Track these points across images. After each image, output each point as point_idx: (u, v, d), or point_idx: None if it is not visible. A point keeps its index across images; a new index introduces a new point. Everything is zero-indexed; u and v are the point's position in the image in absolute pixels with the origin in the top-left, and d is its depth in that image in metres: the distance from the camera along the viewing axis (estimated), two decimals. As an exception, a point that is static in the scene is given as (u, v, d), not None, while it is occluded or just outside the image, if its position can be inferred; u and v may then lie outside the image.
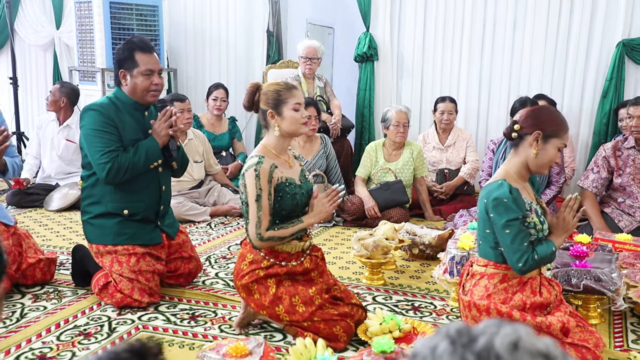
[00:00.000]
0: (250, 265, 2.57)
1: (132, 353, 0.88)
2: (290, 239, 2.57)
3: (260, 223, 2.49)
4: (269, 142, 2.61)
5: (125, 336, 2.63)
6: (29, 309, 2.89)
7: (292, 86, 2.60)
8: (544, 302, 2.36)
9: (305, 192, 2.63)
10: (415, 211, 4.80)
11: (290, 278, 2.59)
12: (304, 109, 2.61)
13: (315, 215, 2.61)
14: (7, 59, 6.43)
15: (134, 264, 2.93)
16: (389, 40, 5.66)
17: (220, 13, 6.15)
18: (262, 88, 2.60)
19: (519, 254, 2.29)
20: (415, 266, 3.66)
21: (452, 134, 5.10)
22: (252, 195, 2.48)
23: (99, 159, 2.87)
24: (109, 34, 5.36)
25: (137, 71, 2.93)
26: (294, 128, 2.58)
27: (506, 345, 0.72)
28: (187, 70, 6.34)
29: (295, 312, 2.52)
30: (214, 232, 4.37)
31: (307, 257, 2.66)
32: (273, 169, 2.51)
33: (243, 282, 2.57)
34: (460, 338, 0.74)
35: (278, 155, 2.60)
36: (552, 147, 2.36)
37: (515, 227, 2.28)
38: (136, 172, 2.93)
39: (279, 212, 2.55)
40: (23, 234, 3.21)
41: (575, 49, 5.18)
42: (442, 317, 2.89)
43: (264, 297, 2.54)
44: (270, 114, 2.57)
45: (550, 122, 2.37)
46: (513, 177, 2.39)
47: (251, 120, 6.18)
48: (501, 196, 2.28)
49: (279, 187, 2.53)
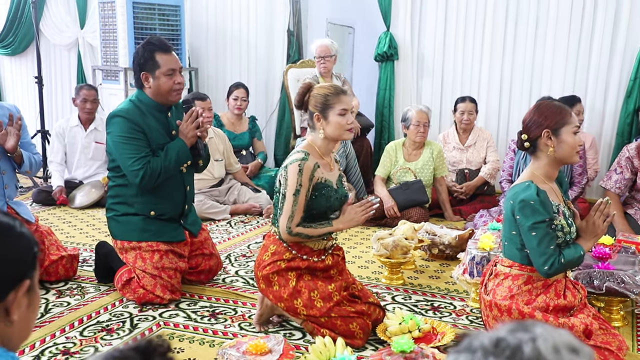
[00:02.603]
0: (272, 256, 2.60)
1: (138, 351, 0.88)
2: (315, 239, 2.60)
3: (293, 217, 2.52)
4: (315, 141, 2.64)
5: (147, 332, 2.67)
6: (53, 305, 2.94)
7: (341, 91, 2.61)
8: (567, 305, 2.34)
9: (339, 197, 2.65)
10: (435, 211, 4.78)
11: (310, 273, 2.61)
12: (351, 115, 2.62)
13: (345, 222, 2.63)
14: (32, 59, 6.53)
15: (157, 261, 2.97)
16: (410, 40, 5.64)
17: (242, 13, 6.18)
18: (313, 90, 2.62)
19: (545, 257, 2.27)
20: (434, 266, 3.64)
21: (473, 134, 5.06)
22: (291, 189, 2.51)
23: (131, 165, 2.90)
24: (132, 33, 5.42)
25: (159, 72, 2.95)
26: (338, 133, 2.60)
27: (550, 348, 0.72)
28: (208, 70, 6.38)
29: (313, 307, 2.53)
30: (234, 230, 4.40)
31: (329, 255, 2.67)
32: (316, 168, 2.54)
33: (264, 272, 2.59)
34: (503, 352, 0.73)
35: (322, 156, 2.63)
36: (567, 135, 2.33)
37: (541, 230, 2.26)
38: (168, 174, 2.96)
39: (309, 210, 2.57)
40: (45, 231, 3.26)
41: (598, 47, 5.11)
42: (461, 318, 2.87)
43: (284, 289, 2.56)
44: (317, 116, 2.59)
45: (551, 115, 2.34)
46: (540, 178, 2.37)
47: (271, 120, 6.21)
48: (528, 198, 2.26)
49: (317, 186, 2.56)
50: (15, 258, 1.05)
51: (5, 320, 1.05)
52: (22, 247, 1.08)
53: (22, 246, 1.08)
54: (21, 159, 3.10)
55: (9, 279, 1.04)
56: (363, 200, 2.67)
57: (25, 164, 3.13)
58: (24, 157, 3.12)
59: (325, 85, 2.65)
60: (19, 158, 3.09)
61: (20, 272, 1.06)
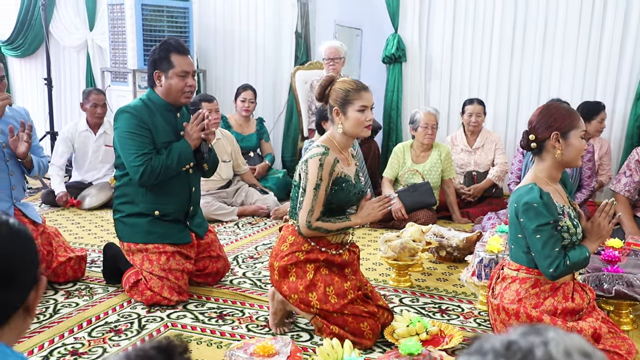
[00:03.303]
0: (291, 247, 2.60)
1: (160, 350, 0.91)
2: (335, 233, 2.61)
3: (313, 211, 2.53)
4: (334, 136, 2.64)
5: (155, 333, 2.68)
6: (62, 305, 2.95)
7: (362, 87, 2.61)
8: (575, 308, 2.33)
9: (357, 191, 2.67)
10: (443, 213, 4.77)
11: (327, 267, 2.61)
12: (370, 112, 2.62)
13: (363, 216, 2.65)
14: (42, 60, 6.57)
15: (164, 263, 2.98)
16: (417, 42, 5.63)
17: (250, 15, 6.19)
18: (335, 83, 2.62)
19: (550, 260, 2.26)
20: (442, 268, 3.63)
21: (481, 137, 5.05)
22: (312, 183, 2.51)
23: (133, 161, 2.92)
24: (141, 35, 5.45)
25: (172, 72, 2.97)
26: (356, 129, 2.60)
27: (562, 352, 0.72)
28: (216, 71, 6.40)
29: (328, 302, 2.54)
30: (242, 232, 4.40)
31: (346, 250, 2.68)
32: (336, 163, 2.55)
33: (282, 263, 2.59)
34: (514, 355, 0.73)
35: (341, 151, 2.64)
36: (574, 139, 2.33)
37: (546, 232, 2.25)
38: (169, 174, 2.97)
39: (329, 204, 2.58)
40: (52, 232, 3.27)
41: (608, 50, 5.09)
42: (469, 320, 2.86)
43: (300, 281, 2.56)
44: (336, 111, 2.59)
45: (561, 118, 2.33)
46: (543, 180, 2.36)
47: (279, 122, 6.22)
48: (531, 200, 2.25)
49: (336, 181, 2.57)
50: (32, 259, 1.11)
51: (26, 317, 1.11)
52: (35, 248, 1.13)
53: (35, 247, 1.13)
54: (31, 164, 3.12)
55: (30, 279, 1.10)
56: (381, 195, 2.67)
57: (35, 169, 3.15)
58: (34, 162, 3.14)
59: (348, 80, 2.64)
60: (29, 163, 3.11)
61: (37, 271, 1.12)
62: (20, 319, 1.09)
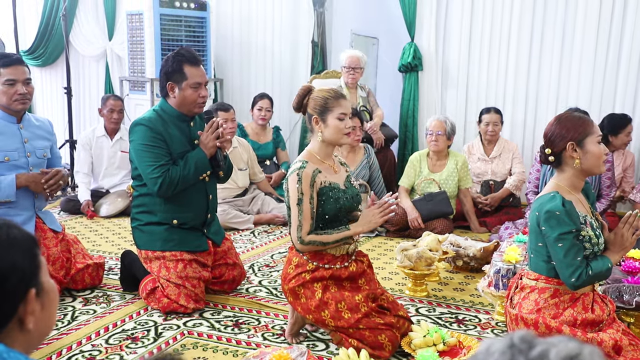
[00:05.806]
0: (296, 268, 2.60)
1: None
2: (334, 245, 2.58)
3: (302, 227, 2.52)
4: (313, 148, 2.65)
5: (171, 341, 2.68)
6: (80, 312, 2.98)
7: (340, 95, 2.62)
8: (595, 319, 2.29)
9: (350, 197, 2.64)
10: (459, 222, 4.74)
11: (336, 284, 2.60)
12: (349, 120, 2.62)
13: (363, 224, 2.62)
14: (62, 70, 6.67)
15: (181, 270, 2.99)
16: (434, 51, 5.63)
17: (267, 24, 6.23)
18: (312, 92, 2.63)
19: (572, 269, 2.23)
20: (459, 278, 3.61)
21: (498, 146, 5.02)
22: (293, 199, 2.52)
23: (151, 173, 2.94)
24: (159, 45, 5.51)
25: (185, 84, 2.99)
26: (336, 137, 2.60)
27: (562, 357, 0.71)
28: (233, 80, 6.44)
29: (341, 318, 2.52)
30: (258, 240, 4.41)
31: (353, 261, 2.66)
32: (316, 174, 2.54)
33: (290, 285, 2.59)
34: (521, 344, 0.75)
35: (322, 161, 2.63)
36: (592, 145, 2.30)
37: (568, 241, 2.23)
38: (187, 184, 2.99)
39: (322, 216, 2.57)
40: (71, 240, 3.31)
41: (627, 58, 5.04)
42: (486, 331, 2.84)
43: (310, 301, 2.55)
44: (315, 119, 2.60)
45: (573, 127, 2.31)
46: (566, 189, 2.34)
47: (295, 130, 6.23)
48: (553, 209, 2.23)
49: (322, 191, 2.55)
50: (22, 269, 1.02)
51: (22, 330, 1.04)
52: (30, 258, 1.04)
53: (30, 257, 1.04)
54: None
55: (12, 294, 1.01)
56: (380, 201, 2.65)
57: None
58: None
59: (325, 89, 2.66)
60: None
61: (22, 283, 1.02)
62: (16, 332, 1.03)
